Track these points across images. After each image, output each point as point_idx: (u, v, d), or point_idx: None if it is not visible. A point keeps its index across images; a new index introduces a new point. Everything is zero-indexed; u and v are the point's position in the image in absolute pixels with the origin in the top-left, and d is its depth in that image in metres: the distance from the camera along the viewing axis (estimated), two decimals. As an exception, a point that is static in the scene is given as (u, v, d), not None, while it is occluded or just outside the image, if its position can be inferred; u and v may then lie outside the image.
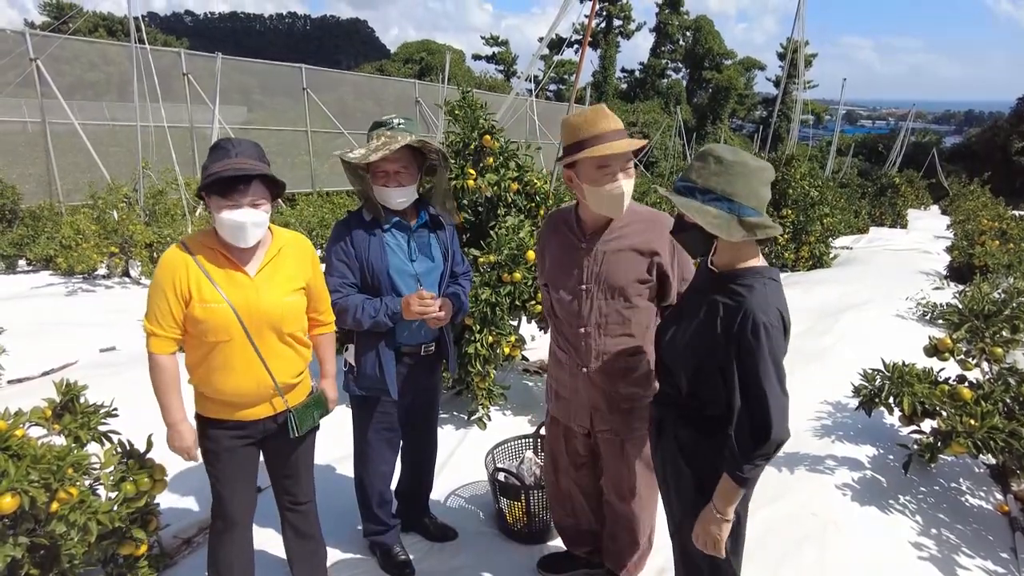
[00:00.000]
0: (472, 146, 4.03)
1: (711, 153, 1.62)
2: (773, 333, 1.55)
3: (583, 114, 1.93)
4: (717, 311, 1.66)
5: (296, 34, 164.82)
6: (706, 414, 1.74)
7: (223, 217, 1.87)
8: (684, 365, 1.78)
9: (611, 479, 2.29)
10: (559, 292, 2.15)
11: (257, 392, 2.01)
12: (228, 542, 2.16)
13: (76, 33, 13.80)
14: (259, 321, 1.96)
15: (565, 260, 2.13)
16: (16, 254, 8.36)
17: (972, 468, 3.46)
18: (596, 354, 2.13)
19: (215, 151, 1.90)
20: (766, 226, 1.58)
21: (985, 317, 3.48)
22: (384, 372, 2.33)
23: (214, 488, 2.12)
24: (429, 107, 18.36)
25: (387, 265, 2.32)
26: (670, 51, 45.76)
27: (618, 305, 2.08)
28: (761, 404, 1.56)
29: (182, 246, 1.94)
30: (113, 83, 13.27)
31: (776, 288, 1.64)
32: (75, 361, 5.00)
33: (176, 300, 1.89)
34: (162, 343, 1.93)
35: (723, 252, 1.71)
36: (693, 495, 1.76)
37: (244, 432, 2.06)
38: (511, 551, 2.78)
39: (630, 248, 2.06)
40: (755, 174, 1.58)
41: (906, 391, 3.24)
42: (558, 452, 2.41)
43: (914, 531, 2.92)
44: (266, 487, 2.38)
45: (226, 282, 1.94)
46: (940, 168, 25.31)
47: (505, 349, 3.85)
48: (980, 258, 7.88)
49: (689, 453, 1.76)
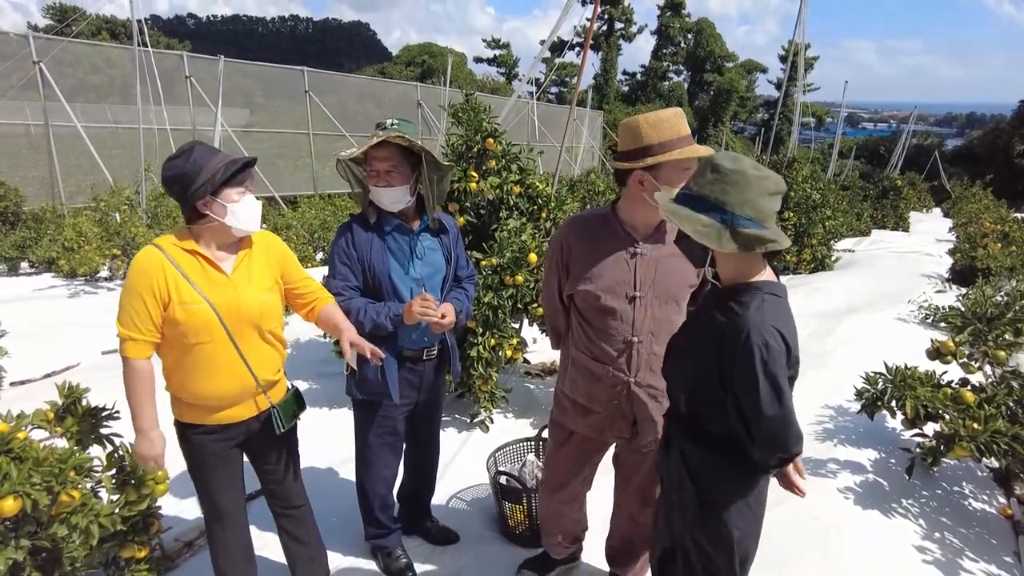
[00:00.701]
0: (475, 149, 4.04)
1: (710, 161, 1.58)
2: (769, 354, 1.48)
3: (662, 116, 1.87)
4: (714, 329, 1.60)
5: (298, 37, 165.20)
6: (708, 430, 1.69)
7: (241, 203, 1.91)
8: (683, 383, 1.74)
9: (642, 488, 2.25)
10: (602, 300, 2.02)
11: (240, 392, 2.01)
12: (226, 537, 2.18)
13: (79, 36, 13.84)
14: (240, 320, 1.96)
15: (612, 267, 2.02)
16: (19, 256, 8.38)
17: (975, 472, 3.45)
18: (646, 363, 2.04)
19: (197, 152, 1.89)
20: (766, 239, 1.49)
21: (988, 320, 3.48)
22: (386, 376, 2.33)
23: (202, 493, 2.13)
24: (431, 110, 18.38)
25: (388, 268, 2.32)
26: (671, 54, 45.82)
27: (670, 311, 2.03)
28: (758, 424, 1.51)
29: (156, 247, 1.91)
30: (116, 86, 13.29)
31: (776, 304, 1.55)
32: (77, 363, 5.00)
33: (154, 302, 1.87)
34: (139, 347, 1.90)
35: (723, 265, 1.65)
36: (696, 510, 1.71)
37: (226, 435, 2.05)
38: (513, 554, 2.77)
39: (679, 253, 1.99)
40: (753, 183, 1.51)
41: (909, 394, 3.24)
42: (573, 465, 2.30)
43: (917, 535, 2.91)
44: (258, 493, 2.37)
45: (204, 282, 1.93)
46: (942, 170, 25.29)
47: (507, 352, 3.85)
48: (983, 261, 7.87)
49: (693, 467, 1.72)
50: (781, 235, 1.53)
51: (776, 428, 1.50)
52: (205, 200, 1.88)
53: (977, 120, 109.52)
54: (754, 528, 1.72)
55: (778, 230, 1.54)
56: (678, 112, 1.91)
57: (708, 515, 1.68)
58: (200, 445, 2.03)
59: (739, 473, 1.65)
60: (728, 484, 1.67)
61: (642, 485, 2.25)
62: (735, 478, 1.66)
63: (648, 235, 2.03)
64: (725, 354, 1.55)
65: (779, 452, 1.54)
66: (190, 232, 1.95)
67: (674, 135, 1.85)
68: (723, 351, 1.56)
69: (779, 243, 1.51)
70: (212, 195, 1.87)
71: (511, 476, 2.81)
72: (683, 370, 1.74)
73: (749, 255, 1.56)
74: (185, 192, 1.86)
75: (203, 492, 2.13)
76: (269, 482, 2.25)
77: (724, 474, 1.66)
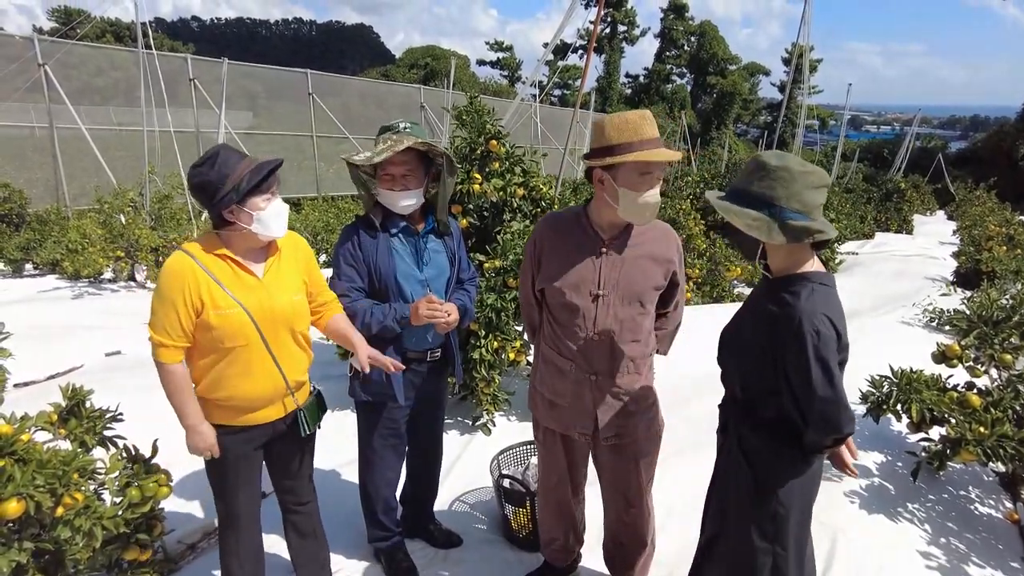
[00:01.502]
0: (478, 151, 4.04)
1: (756, 159, 1.68)
2: (820, 340, 1.56)
3: (627, 117, 1.88)
4: (766, 318, 1.68)
5: (302, 39, 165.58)
6: (763, 416, 1.76)
7: (268, 210, 1.89)
8: (738, 371, 1.82)
9: (618, 486, 2.27)
10: (567, 297, 2.06)
11: (272, 394, 2.02)
12: (239, 538, 2.18)
13: (84, 39, 13.88)
14: (274, 322, 1.97)
15: (579, 264, 2.05)
16: (23, 258, 8.39)
17: (981, 476, 3.42)
18: (607, 360, 2.08)
19: (222, 158, 1.87)
20: (814, 230, 1.58)
21: (994, 323, 3.46)
22: (391, 377, 2.32)
23: (219, 494, 2.12)
24: (434, 112, 18.41)
25: (394, 270, 2.31)
26: (674, 56, 45.90)
27: (633, 312, 2.06)
28: (811, 408, 1.58)
29: (185, 253, 1.90)
30: (120, 88, 13.35)
31: (825, 293, 1.64)
32: (81, 365, 5.00)
33: (186, 310, 1.86)
34: (172, 353, 1.89)
35: (774, 257, 1.73)
36: (752, 495, 1.77)
37: (251, 435, 2.06)
38: (516, 558, 2.76)
39: (648, 255, 2.05)
40: (799, 178, 1.60)
41: (914, 398, 3.22)
42: (552, 463, 2.34)
43: (923, 539, 2.90)
44: (269, 492, 2.38)
45: (237, 286, 1.93)
46: (946, 173, 25.24)
47: (510, 355, 3.84)
48: (987, 264, 7.85)
49: (750, 452, 1.78)
50: (828, 225, 1.62)
51: (829, 410, 1.58)
52: (231, 208, 1.86)
53: (981, 123, 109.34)
54: (807, 512, 1.80)
55: (825, 221, 1.63)
56: (644, 114, 1.90)
57: (764, 498, 1.75)
58: (224, 447, 2.01)
59: (794, 455, 1.72)
60: (784, 466, 1.73)
61: (623, 485, 2.26)
62: (791, 460, 1.73)
63: (615, 235, 2.05)
64: (777, 342, 1.63)
65: (833, 433, 1.61)
66: (219, 237, 1.95)
67: (635, 137, 1.85)
68: (775, 339, 1.64)
69: (826, 232, 1.61)
70: (238, 203, 1.86)
71: (514, 479, 2.80)
72: (737, 359, 1.82)
73: (797, 246, 1.65)
74: (211, 200, 1.85)
75: (220, 493, 2.12)
76: (284, 480, 2.26)
77: (780, 457, 1.73)
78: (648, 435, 2.21)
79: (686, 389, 4.29)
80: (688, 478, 3.31)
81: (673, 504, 3.07)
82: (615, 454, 2.21)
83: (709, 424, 3.84)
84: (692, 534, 2.94)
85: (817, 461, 1.75)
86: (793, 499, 1.73)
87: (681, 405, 4.03)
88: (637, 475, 2.23)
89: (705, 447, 3.65)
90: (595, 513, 2.52)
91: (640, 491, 2.26)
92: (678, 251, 2.13)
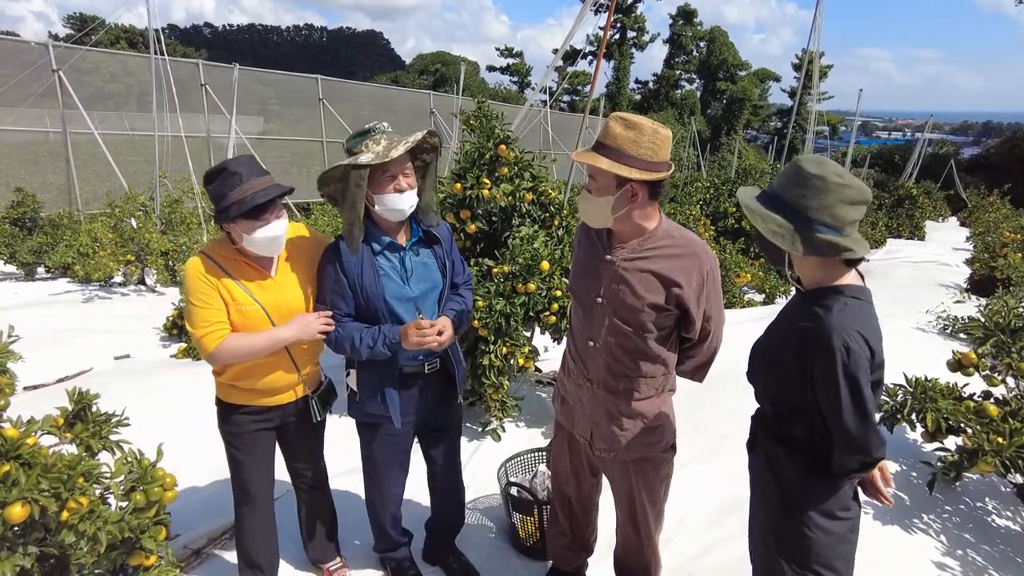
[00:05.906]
0: (487, 156, 4.02)
1: (795, 162, 1.58)
2: (850, 357, 1.46)
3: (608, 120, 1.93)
4: (796, 333, 1.60)
5: (313, 45, 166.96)
6: (792, 433, 1.68)
7: (257, 236, 1.98)
8: (767, 386, 1.75)
9: (620, 500, 2.24)
10: (575, 298, 2.13)
11: (287, 384, 2.20)
12: (253, 520, 2.33)
13: (98, 45, 14.05)
14: (287, 317, 2.11)
15: (587, 269, 2.05)
16: (35, 261, 8.47)
17: (998, 487, 3.36)
18: (601, 370, 2.04)
19: (224, 176, 1.95)
20: (842, 247, 1.47)
21: (1011, 332, 3.39)
22: (386, 400, 2.23)
23: (235, 473, 2.27)
24: (443, 118, 18.46)
25: (382, 291, 2.16)
26: (684, 62, 45.84)
27: (630, 329, 1.95)
28: (839, 427, 1.51)
29: (204, 256, 2.04)
30: (133, 94, 13.50)
31: (859, 308, 1.53)
32: (90, 368, 5.03)
33: (217, 298, 2.01)
34: (217, 334, 1.99)
35: (801, 268, 1.64)
36: (778, 510, 1.71)
37: (266, 416, 2.22)
38: (524, 567, 2.73)
39: (652, 271, 1.91)
40: (834, 190, 1.49)
41: (929, 407, 3.16)
42: (560, 458, 2.37)
43: (939, 551, 2.84)
44: (280, 496, 2.39)
45: (253, 284, 2.07)
46: (958, 179, 25.01)
47: (519, 360, 3.81)
48: (1003, 271, 7.74)
49: (777, 468, 1.72)
50: (861, 243, 1.52)
51: (857, 431, 1.50)
52: (226, 224, 2.00)
53: (993, 129, 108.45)
54: (838, 540, 1.68)
55: (859, 237, 1.53)
56: (611, 116, 1.92)
57: (789, 517, 1.68)
58: (240, 423, 2.19)
59: (821, 477, 1.64)
60: (810, 487, 1.66)
61: (625, 497, 2.21)
62: (817, 482, 1.65)
63: (623, 245, 1.96)
64: (806, 358, 1.55)
65: (860, 455, 1.55)
66: (231, 239, 2.07)
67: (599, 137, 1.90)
68: (804, 355, 1.56)
69: (855, 251, 1.50)
70: (231, 222, 1.97)
71: (522, 487, 2.77)
72: (767, 374, 1.75)
73: (827, 260, 1.55)
74: (215, 211, 2.00)
75: (235, 473, 2.27)
76: (296, 463, 2.43)
77: (806, 476, 1.66)
78: (648, 457, 2.09)
79: (693, 397, 4.25)
80: (698, 487, 3.27)
81: (683, 515, 3.03)
82: (611, 468, 2.18)
83: (717, 433, 3.83)
84: (700, 545, 2.92)
85: (846, 486, 1.65)
86: (818, 522, 1.64)
87: (689, 413, 3.99)
88: (639, 493, 2.15)
89: (715, 455, 3.63)
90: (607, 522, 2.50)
91: (643, 509, 2.18)
92: (699, 279, 1.91)
